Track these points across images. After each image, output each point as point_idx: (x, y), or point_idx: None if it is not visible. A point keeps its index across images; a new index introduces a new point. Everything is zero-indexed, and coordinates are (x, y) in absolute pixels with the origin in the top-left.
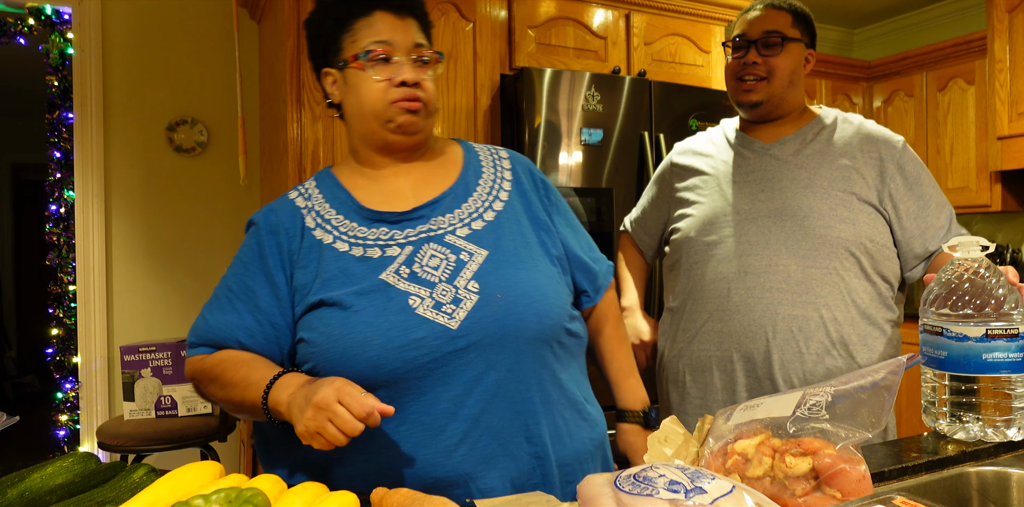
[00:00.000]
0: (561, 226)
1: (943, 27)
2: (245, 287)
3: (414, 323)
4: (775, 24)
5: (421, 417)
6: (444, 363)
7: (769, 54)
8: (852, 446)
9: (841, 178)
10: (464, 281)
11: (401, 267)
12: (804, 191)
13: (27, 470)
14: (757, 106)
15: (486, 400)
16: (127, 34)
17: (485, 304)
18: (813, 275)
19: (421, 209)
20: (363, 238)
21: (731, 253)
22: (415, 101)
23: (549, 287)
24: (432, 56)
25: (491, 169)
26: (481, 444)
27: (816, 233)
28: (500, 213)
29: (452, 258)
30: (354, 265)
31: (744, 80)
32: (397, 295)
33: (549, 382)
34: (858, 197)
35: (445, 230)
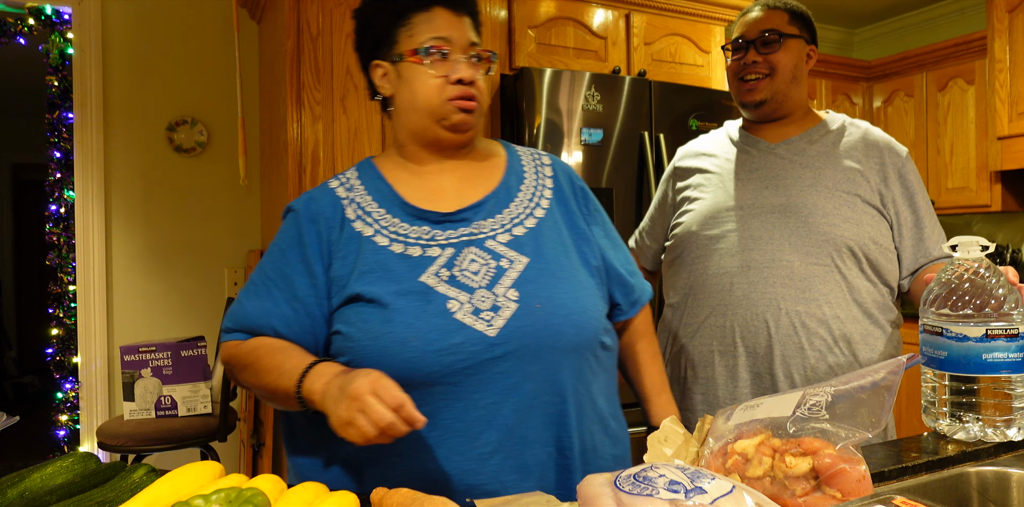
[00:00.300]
0: (600, 237)
1: (943, 27)
2: (283, 275)
3: (453, 328)
4: (772, 23)
5: (455, 423)
6: (480, 370)
7: (768, 52)
8: (852, 446)
9: (846, 179)
10: (503, 288)
11: (441, 269)
12: (809, 189)
13: (27, 470)
14: (761, 105)
15: (521, 410)
16: (127, 34)
17: (524, 313)
18: (816, 272)
19: (464, 211)
20: (404, 235)
21: (734, 247)
22: (470, 100)
23: (587, 299)
24: (486, 55)
25: (533, 174)
26: (515, 454)
27: (820, 230)
28: (541, 220)
29: (492, 264)
30: (393, 261)
31: (746, 80)
32: (436, 298)
33: (583, 395)
34: (862, 199)
35: (487, 235)
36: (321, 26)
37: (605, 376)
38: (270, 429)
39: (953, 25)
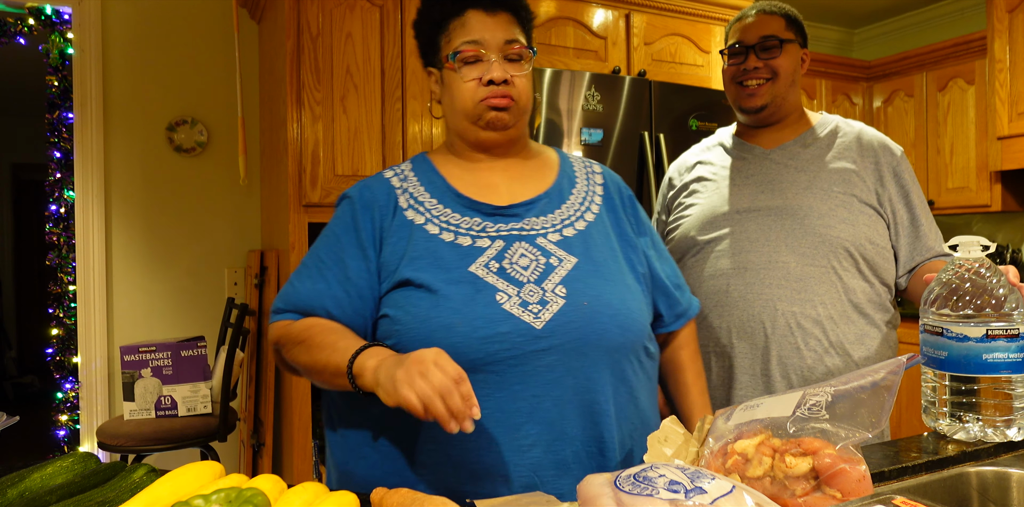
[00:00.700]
0: (647, 247)
1: (943, 27)
2: (337, 258)
3: (500, 317)
4: (770, 28)
5: (495, 413)
6: (524, 361)
7: (769, 57)
8: (852, 446)
9: (841, 180)
10: (552, 285)
11: (491, 261)
12: (805, 192)
13: (27, 470)
14: (762, 109)
15: (562, 405)
16: (127, 34)
17: (571, 309)
18: (811, 273)
19: (516, 207)
20: (455, 225)
21: (730, 249)
22: (503, 98)
23: (633, 302)
24: (523, 53)
25: (584, 180)
26: (555, 448)
27: (816, 232)
28: (591, 224)
29: (542, 260)
30: (443, 248)
31: (746, 85)
32: (485, 288)
33: (624, 397)
34: (858, 199)
35: (537, 232)
36: (321, 26)
37: (649, 384)
38: (270, 429)
39: (953, 25)
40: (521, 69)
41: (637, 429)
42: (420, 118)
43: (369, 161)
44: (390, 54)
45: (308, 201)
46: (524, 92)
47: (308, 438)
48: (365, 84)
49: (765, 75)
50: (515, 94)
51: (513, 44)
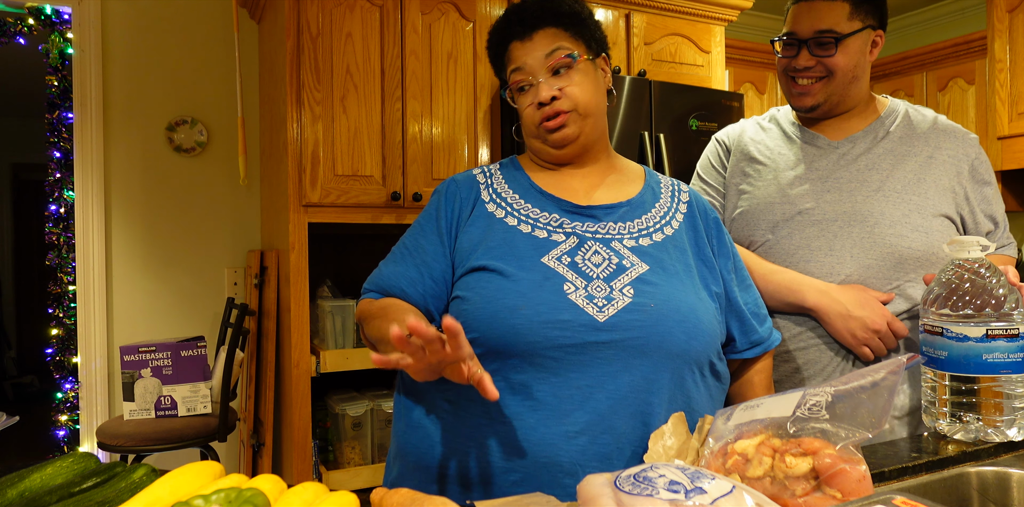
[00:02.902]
0: (726, 271)
1: (943, 27)
2: (417, 244)
3: (564, 305)
4: (828, 20)
5: (548, 398)
6: (582, 351)
7: (824, 54)
8: (852, 446)
9: (915, 180)
10: (621, 284)
11: (564, 255)
12: (876, 195)
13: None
14: (812, 109)
15: (615, 399)
16: (127, 34)
17: (636, 308)
18: (874, 287)
19: (595, 209)
20: (535, 218)
21: (787, 257)
22: (554, 118)
23: (704, 313)
24: (565, 62)
25: (669, 197)
26: (601, 441)
27: (886, 242)
28: (669, 237)
29: (614, 261)
30: (520, 239)
31: (797, 81)
32: (554, 277)
33: (681, 406)
34: (933, 202)
35: (613, 236)
36: (321, 26)
37: (710, 402)
38: (270, 429)
39: (953, 25)
40: (569, 79)
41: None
42: (420, 118)
43: (369, 161)
44: (390, 54)
45: (308, 201)
46: (580, 97)
47: (308, 438)
48: (365, 84)
49: (818, 74)
50: (568, 105)
51: (552, 56)
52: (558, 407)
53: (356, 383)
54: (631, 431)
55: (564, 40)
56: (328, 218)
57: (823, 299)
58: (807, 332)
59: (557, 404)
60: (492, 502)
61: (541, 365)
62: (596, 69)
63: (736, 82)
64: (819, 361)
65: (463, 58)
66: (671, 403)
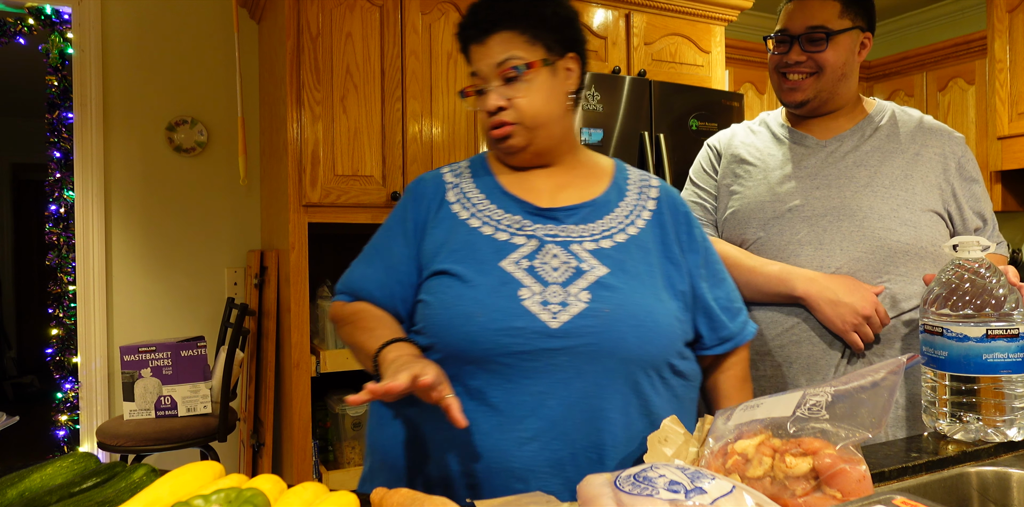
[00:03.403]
0: (694, 266)
1: (943, 27)
2: (385, 246)
3: (518, 312)
4: (820, 17)
5: (502, 404)
6: (535, 358)
7: (814, 50)
8: (852, 446)
9: (903, 176)
10: (577, 289)
11: (522, 259)
12: (864, 190)
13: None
14: (803, 105)
15: (567, 406)
16: (127, 34)
17: (591, 314)
18: (864, 278)
19: (557, 211)
20: (497, 220)
21: (778, 252)
22: (500, 127)
23: (662, 317)
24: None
25: (636, 194)
26: (553, 447)
27: (875, 235)
28: (632, 238)
29: (572, 264)
30: (481, 242)
31: (787, 77)
32: (511, 282)
33: (637, 411)
34: (921, 197)
35: (573, 239)
36: (321, 26)
37: (675, 402)
38: (270, 429)
39: (953, 25)
40: (519, 89)
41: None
42: (420, 118)
43: (369, 161)
44: (390, 54)
45: (308, 201)
46: (527, 109)
47: (308, 438)
48: (365, 84)
49: (808, 69)
50: (513, 116)
51: (505, 64)
52: (511, 413)
53: (356, 383)
54: (584, 437)
55: (518, 46)
56: (328, 218)
57: (812, 286)
58: (800, 324)
59: (511, 410)
60: (492, 502)
61: (495, 371)
62: (556, 73)
63: (736, 82)
64: (811, 355)
65: (463, 58)
66: (626, 408)
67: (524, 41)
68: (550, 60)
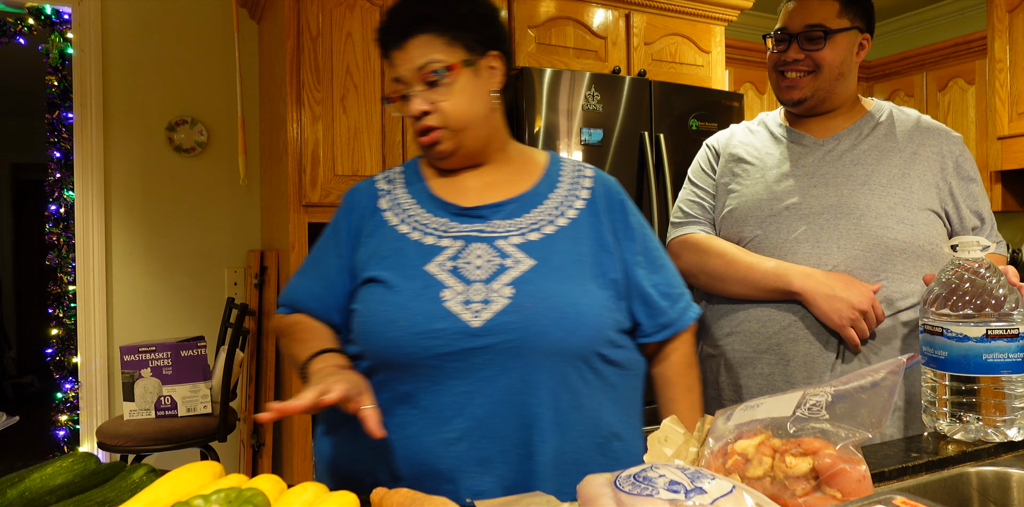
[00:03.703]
0: (630, 253)
1: (943, 27)
2: (320, 258)
3: (440, 314)
4: (818, 16)
5: (430, 406)
6: (460, 358)
7: (812, 48)
8: (852, 446)
9: (900, 175)
10: (500, 285)
11: (447, 260)
12: (861, 189)
13: (27, 470)
14: (800, 103)
15: (493, 403)
16: (127, 34)
17: (513, 310)
18: (860, 276)
19: (483, 209)
20: (425, 224)
21: (775, 249)
22: (427, 133)
23: (588, 307)
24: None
25: (568, 185)
26: (480, 446)
27: (872, 233)
28: (562, 229)
29: (497, 261)
30: (409, 247)
31: (785, 75)
32: (434, 285)
33: (568, 404)
34: (918, 196)
35: (499, 234)
36: (321, 26)
37: (612, 392)
38: (270, 429)
39: (953, 25)
40: (442, 92)
41: (584, 438)
42: None
43: (369, 161)
44: None
45: (308, 201)
46: (451, 112)
47: (308, 438)
48: (365, 84)
49: (806, 68)
50: (438, 121)
51: (425, 68)
52: (440, 414)
53: None
54: (512, 434)
55: (437, 49)
56: (328, 218)
57: (808, 282)
58: (797, 323)
59: (439, 412)
60: (492, 501)
61: (422, 374)
62: (478, 73)
63: (736, 82)
64: (808, 353)
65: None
66: (556, 402)
67: (443, 43)
68: (471, 60)
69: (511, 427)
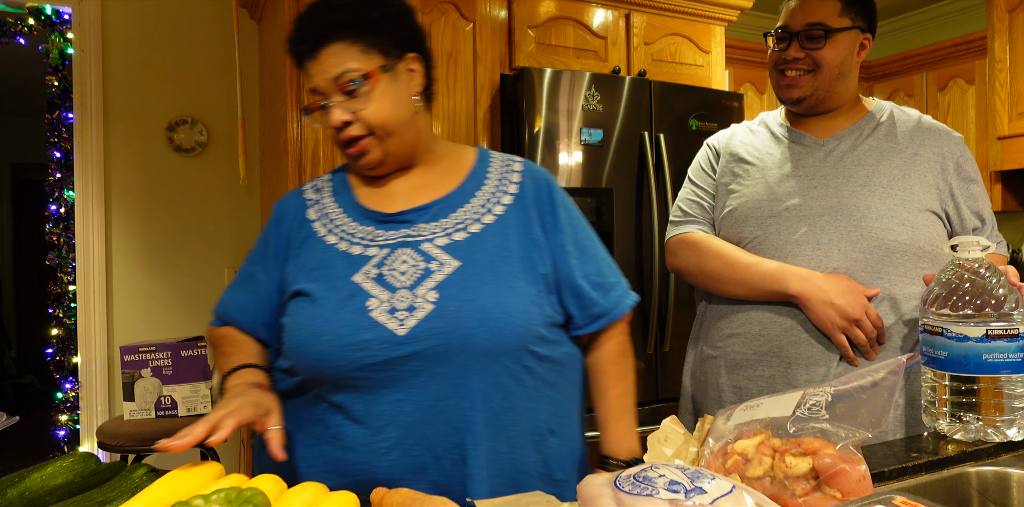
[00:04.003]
0: (559, 245)
1: (943, 27)
2: (250, 270)
3: (366, 325)
4: (820, 14)
5: (363, 416)
6: (389, 368)
7: (813, 47)
8: (852, 446)
9: (901, 176)
10: (425, 290)
11: (372, 268)
12: (862, 190)
13: (27, 470)
14: (799, 102)
15: (424, 410)
16: (127, 34)
17: (438, 315)
18: (861, 279)
19: (407, 213)
20: (351, 234)
21: (775, 251)
22: (352, 143)
23: (515, 306)
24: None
25: (496, 180)
26: (413, 453)
27: (873, 235)
28: (488, 226)
29: (421, 266)
30: (336, 258)
31: (785, 73)
32: (359, 295)
33: (500, 405)
34: (918, 197)
35: (424, 238)
36: None
37: (548, 389)
38: None
39: (953, 25)
40: (362, 101)
41: (519, 437)
42: None
43: None
44: None
45: None
46: (374, 120)
47: None
48: None
49: (806, 66)
50: (362, 129)
51: (342, 78)
52: (372, 424)
53: None
54: (444, 439)
55: (353, 58)
56: None
57: (806, 285)
58: (798, 326)
59: (371, 422)
60: (492, 501)
61: (353, 386)
62: (397, 77)
63: (736, 82)
64: (811, 356)
65: (463, 58)
66: (488, 404)
67: (358, 50)
68: (389, 66)
69: (441, 433)
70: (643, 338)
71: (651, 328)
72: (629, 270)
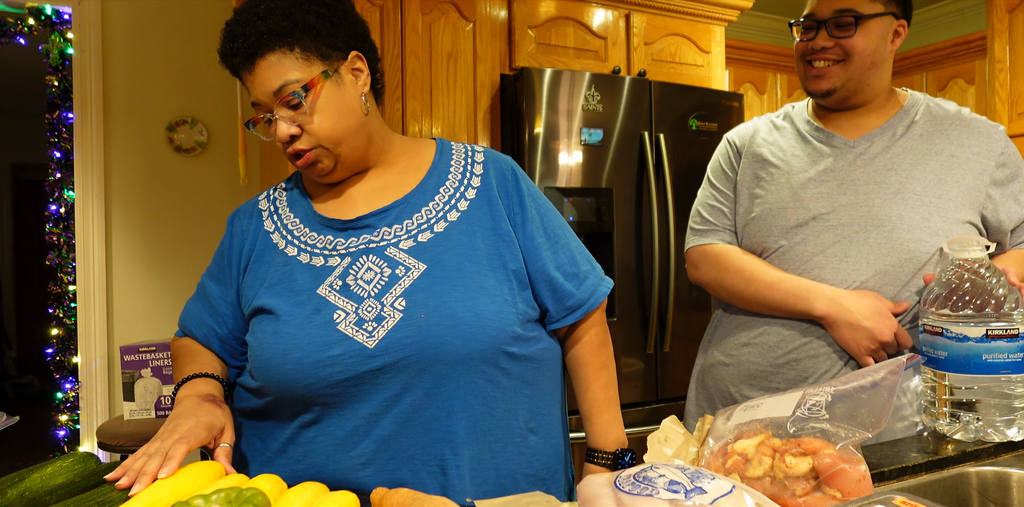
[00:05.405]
0: (528, 237)
1: (943, 27)
2: (207, 284)
3: (333, 339)
4: (849, 0)
5: (336, 431)
6: (360, 381)
7: (842, 35)
8: (852, 446)
9: (936, 181)
10: (392, 298)
11: (336, 279)
12: (894, 198)
13: (27, 470)
14: (829, 94)
15: (399, 423)
16: (127, 34)
17: (407, 324)
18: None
19: (367, 218)
20: (312, 245)
21: (801, 263)
22: (300, 156)
23: (487, 307)
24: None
25: (459, 174)
26: (389, 468)
27: (904, 247)
28: (453, 224)
29: (387, 272)
30: (299, 271)
31: (813, 64)
32: (325, 308)
33: (479, 411)
34: (955, 204)
35: (388, 242)
36: None
37: (526, 388)
38: None
39: (953, 25)
40: (306, 113)
41: (504, 441)
42: (420, 118)
43: None
44: (390, 54)
45: None
46: (321, 131)
47: None
48: None
49: (835, 56)
50: (310, 142)
51: (283, 92)
52: (346, 440)
53: None
54: (423, 451)
55: (291, 67)
56: None
57: (833, 308)
58: (815, 341)
59: (345, 437)
60: (492, 501)
61: (325, 402)
62: (341, 81)
63: (736, 82)
64: (828, 370)
65: (463, 58)
66: (467, 411)
67: (295, 59)
68: (330, 71)
69: (420, 445)
70: (643, 338)
71: (651, 328)
72: (629, 270)
